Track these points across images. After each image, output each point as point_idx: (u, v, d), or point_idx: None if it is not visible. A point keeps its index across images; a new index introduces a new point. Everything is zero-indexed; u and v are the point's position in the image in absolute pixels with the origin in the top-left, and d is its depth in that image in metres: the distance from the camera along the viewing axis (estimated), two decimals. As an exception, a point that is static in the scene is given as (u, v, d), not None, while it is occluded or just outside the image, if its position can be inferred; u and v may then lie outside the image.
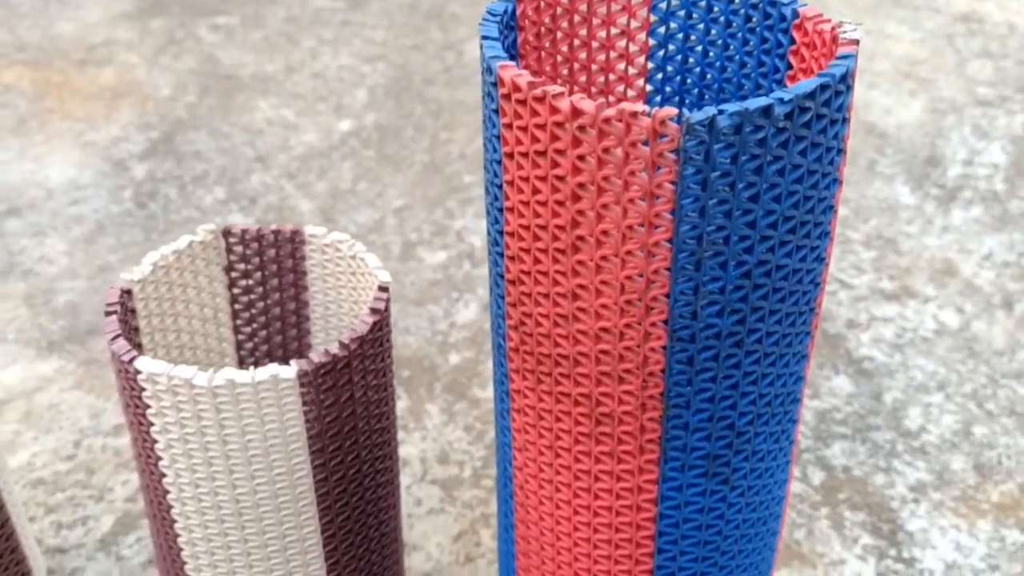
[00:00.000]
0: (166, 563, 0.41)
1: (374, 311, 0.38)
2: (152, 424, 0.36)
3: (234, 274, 0.43)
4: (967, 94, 1.07)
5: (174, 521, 0.38)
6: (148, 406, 0.35)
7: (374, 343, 0.38)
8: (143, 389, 0.35)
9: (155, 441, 0.36)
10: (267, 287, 0.44)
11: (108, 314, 0.37)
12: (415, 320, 0.73)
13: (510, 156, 0.28)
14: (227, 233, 0.42)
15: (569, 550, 0.35)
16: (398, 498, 0.44)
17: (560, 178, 0.27)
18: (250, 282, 0.44)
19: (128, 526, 0.55)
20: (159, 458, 0.37)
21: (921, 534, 0.56)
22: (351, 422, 0.38)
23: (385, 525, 0.43)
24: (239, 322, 0.45)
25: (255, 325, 0.45)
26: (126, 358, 0.35)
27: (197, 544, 0.39)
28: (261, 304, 0.44)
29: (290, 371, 0.35)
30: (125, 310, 0.38)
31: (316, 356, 0.35)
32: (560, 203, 0.27)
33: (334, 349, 0.36)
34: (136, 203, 0.86)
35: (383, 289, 0.39)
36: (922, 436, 0.63)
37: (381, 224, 0.84)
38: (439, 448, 0.62)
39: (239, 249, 0.43)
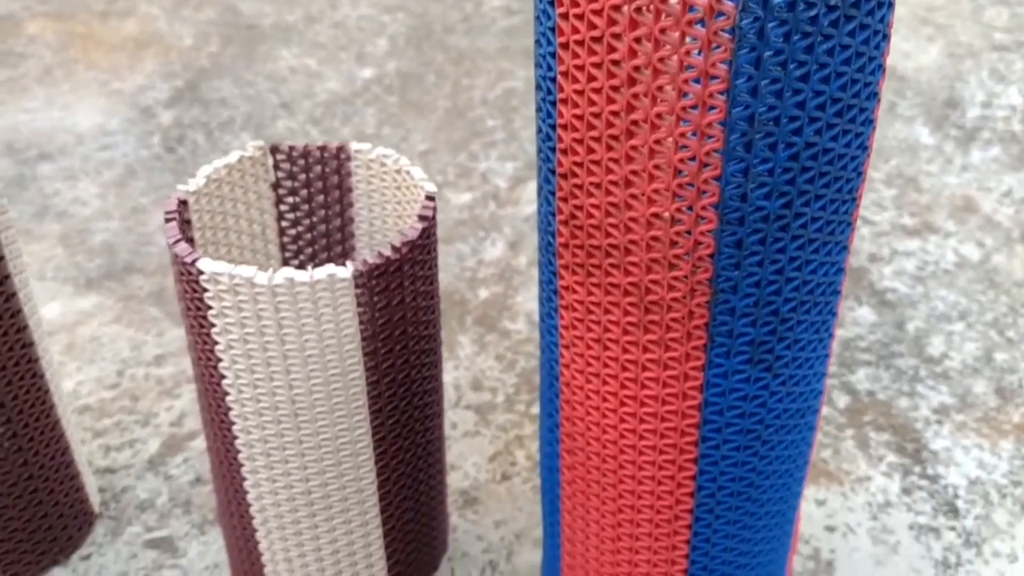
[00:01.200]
0: (222, 467, 0.43)
1: (423, 218, 0.39)
2: (213, 325, 0.37)
3: (281, 191, 0.45)
4: (984, 39, 1.07)
5: (232, 423, 0.40)
6: (209, 307, 0.37)
7: (423, 249, 0.39)
8: (205, 290, 0.36)
9: (215, 343, 0.38)
10: (313, 204, 0.45)
11: (168, 220, 0.38)
12: (444, 258, 0.74)
13: (565, 46, 0.29)
14: (274, 150, 0.44)
15: (615, 443, 0.37)
16: (442, 406, 0.46)
17: (616, 63, 0.28)
18: (296, 199, 0.45)
19: (174, 448, 0.57)
20: (219, 359, 0.38)
21: (945, 453, 0.58)
22: (401, 325, 0.39)
23: (431, 432, 0.45)
24: (285, 239, 0.46)
25: (301, 242, 0.46)
26: (188, 259, 0.36)
27: (254, 446, 0.40)
28: (307, 221, 0.46)
29: (346, 271, 0.36)
30: (182, 219, 0.40)
31: (370, 258, 0.37)
32: (615, 88, 0.29)
33: (387, 252, 0.37)
34: (165, 147, 0.87)
35: (430, 198, 0.40)
36: (944, 362, 0.64)
37: (406, 167, 0.85)
38: (472, 376, 0.63)
39: (286, 166, 0.44)
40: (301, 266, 0.47)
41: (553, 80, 0.31)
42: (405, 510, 0.45)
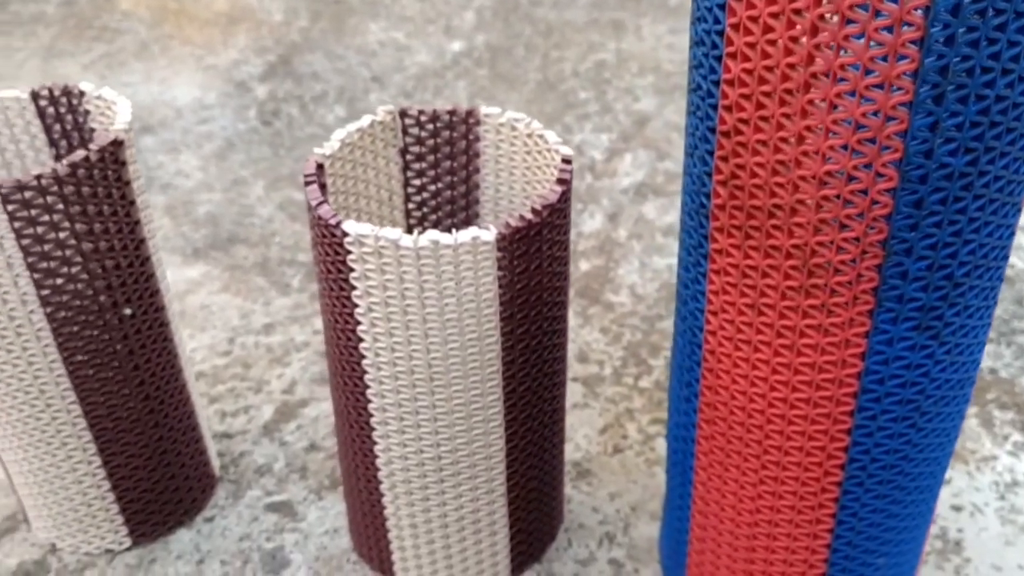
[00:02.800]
0: (352, 431, 0.43)
1: (561, 181, 0.38)
2: (354, 288, 0.37)
3: (409, 156, 0.44)
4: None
5: (367, 387, 0.40)
6: (351, 269, 0.37)
7: (560, 213, 0.38)
8: (348, 252, 0.36)
9: (355, 305, 0.38)
10: (439, 169, 0.45)
11: (308, 183, 0.38)
12: (543, 229, 0.74)
13: (739, -3, 0.28)
14: (403, 114, 0.43)
15: (762, 412, 0.36)
16: (566, 374, 0.45)
17: (798, 12, 0.27)
18: (424, 164, 0.45)
19: (288, 415, 0.58)
20: (358, 322, 0.38)
21: (1076, 433, 0.55)
22: (537, 291, 0.39)
23: (556, 400, 0.44)
24: (411, 204, 0.46)
25: (426, 208, 0.46)
26: (333, 221, 0.36)
27: (388, 410, 0.40)
28: (433, 187, 0.45)
29: (489, 234, 0.36)
30: (320, 181, 0.40)
31: (505, 221, 0.36)
32: (794, 39, 0.27)
33: (528, 215, 0.37)
34: (261, 121, 0.88)
35: (567, 161, 0.39)
36: (1072, 340, 0.62)
37: (500, 140, 0.85)
38: (577, 348, 0.63)
39: (415, 131, 0.44)
40: (425, 231, 0.47)
41: (720, 34, 0.30)
42: (529, 478, 0.45)
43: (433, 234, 0.35)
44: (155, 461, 0.48)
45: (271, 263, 0.70)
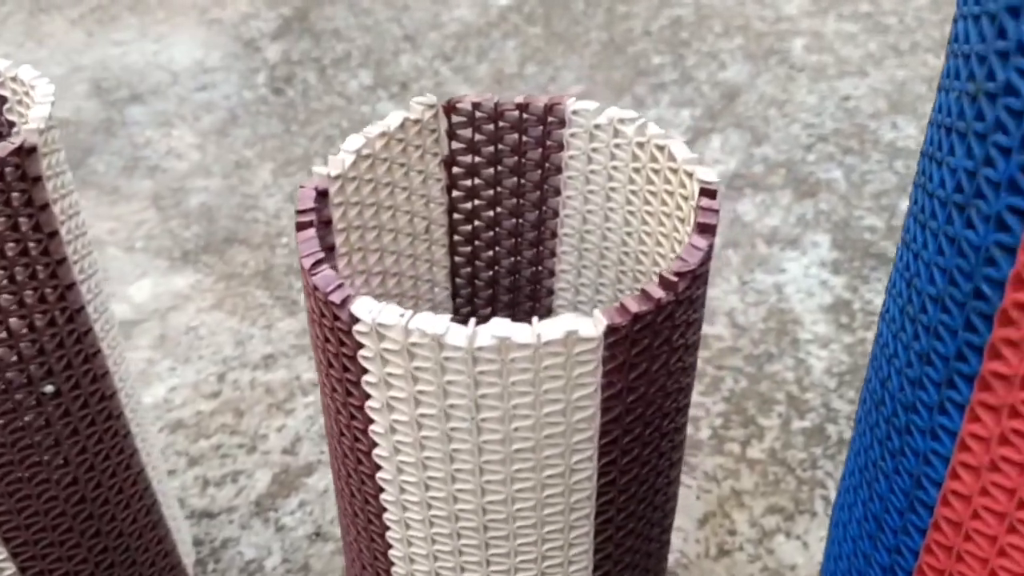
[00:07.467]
0: (363, 554, 0.29)
1: (702, 229, 0.24)
2: (368, 396, 0.23)
3: (456, 170, 0.30)
4: None
5: (387, 528, 0.26)
6: (365, 370, 0.23)
7: (699, 281, 0.24)
8: (360, 346, 0.22)
9: (370, 420, 0.24)
10: (500, 189, 0.30)
11: (301, 227, 0.24)
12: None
13: None
14: (451, 108, 0.29)
15: None
16: (678, 488, 0.31)
17: None
18: (478, 181, 0.30)
19: (288, 485, 0.45)
20: (374, 444, 0.24)
21: None
22: (657, 400, 0.25)
23: (665, 534, 0.30)
24: (457, 237, 0.31)
25: (479, 242, 0.32)
26: (337, 298, 0.22)
27: (416, 561, 0.27)
28: (489, 213, 0.31)
29: (591, 327, 0.21)
30: (320, 219, 0.25)
31: (632, 303, 0.22)
32: None
33: (654, 291, 0.22)
34: (271, 88, 0.73)
35: (710, 194, 0.25)
36: None
37: (558, 115, 0.70)
38: (663, 398, 0.49)
39: (465, 134, 0.29)
40: (475, 277, 0.32)
41: None
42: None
43: (501, 325, 0.21)
44: (101, 560, 0.35)
45: (276, 272, 0.57)
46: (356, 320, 0.22)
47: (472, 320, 0.21)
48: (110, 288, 0.56)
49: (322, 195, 0.26)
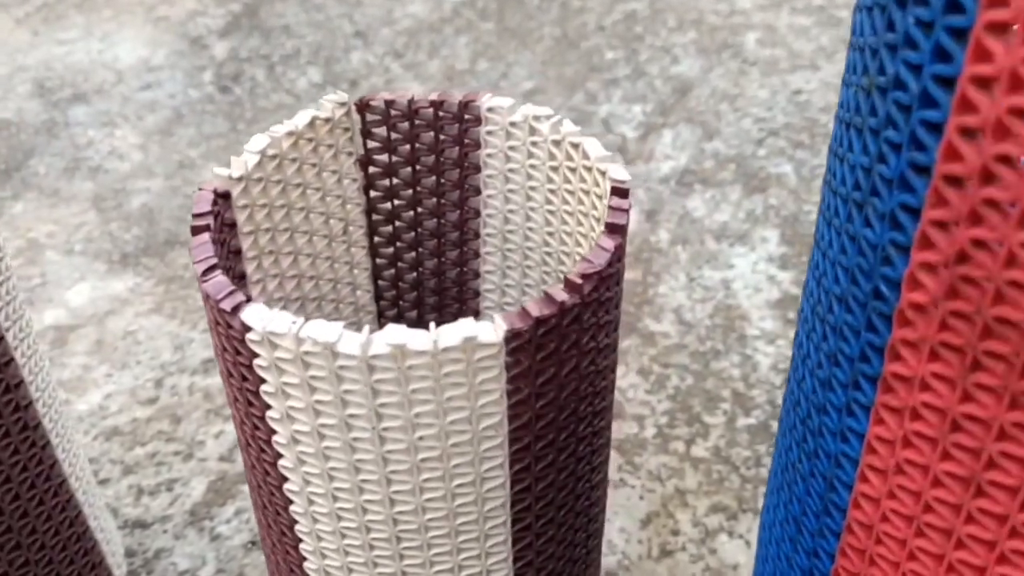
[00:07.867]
0: (280, 565, 0.28)
1: (612, 229, 0.23)
2: (268, 407, 0.22)
3: (373, 170, 0.29)
4: None
5: (299, 540, 0.26)
6: (262, 379, 0.22)
7: (610, 282, 0.23)
8: (254, 355, 0.21)
9: (273, 432, 0.23)
10: (419, 189, 0.30)
11: (197, 231, 0.23)
12: (563, 231, 0.58)
13: None
14: (364, 106, 0.28)
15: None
16: (605, 492, 0.31)
17: None
18: (395, 181, 0.30)
19: (224, 493, 0.44)
20: (279, 455, 0.23)
21: None
22: (571, 404, 0.24)
23: (592, 539, 0.30)
24: (377, 238, 0.31)
25: (400, 243, 0.31)
26: (227, 305, 0.21)
27: (331, 573, 0.26)
28: (409, 214, 0.30)
29: (491, 332, 0.21)
30: (220, 224, 0.25)
31: (534, 307, 0.21)
32: None
33: (559, 294, 0.22)
34: (218, 87, 0.72)
35: (620, 194, 0.24)
36: None
37: (509, 112, 0.69)
38: (609, 397, 0.48)
39: (380, 133, 0.29)
40: (399, 279, 0.32)
41: None
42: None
43: (396, 332, 0.20)
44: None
45: (218, 274, 0.56)
46: (248, 328, 0.21)
47: (367, 328, 0.20)
48: (47, 293, 0.54)
49: (223, 197, 0.25)
